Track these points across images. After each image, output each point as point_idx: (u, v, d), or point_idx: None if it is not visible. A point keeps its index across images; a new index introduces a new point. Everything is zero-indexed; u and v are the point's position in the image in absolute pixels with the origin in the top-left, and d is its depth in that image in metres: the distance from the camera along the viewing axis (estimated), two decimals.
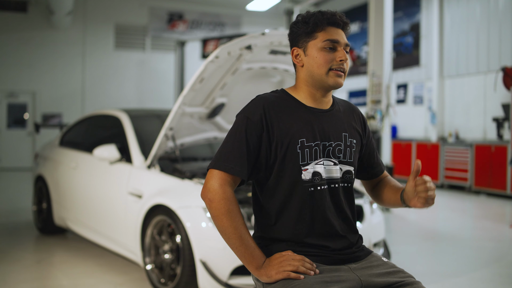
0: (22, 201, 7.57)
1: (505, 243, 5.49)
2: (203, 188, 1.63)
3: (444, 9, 11.07)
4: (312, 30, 1.68)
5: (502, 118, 9.20)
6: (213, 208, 1.59)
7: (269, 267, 1.58)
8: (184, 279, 3.29)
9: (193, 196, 3.40)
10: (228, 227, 1.58)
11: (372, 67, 7.63)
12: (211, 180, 1.61)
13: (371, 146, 1.88)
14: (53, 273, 4.14)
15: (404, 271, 1.68)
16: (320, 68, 1.67)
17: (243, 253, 1.59)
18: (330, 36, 1.66)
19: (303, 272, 1.55)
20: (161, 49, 15.01)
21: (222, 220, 1.58)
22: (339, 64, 1.66)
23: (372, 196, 1.96)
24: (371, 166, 1.89)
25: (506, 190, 8.68)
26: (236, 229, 1.58)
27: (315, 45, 1.67)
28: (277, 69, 4.05)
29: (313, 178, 1.65)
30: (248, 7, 14.11)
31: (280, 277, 1.55)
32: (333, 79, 1.67)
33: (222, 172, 1.60)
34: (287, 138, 1.64)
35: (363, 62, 13.32)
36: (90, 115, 5.33)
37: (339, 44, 1.67)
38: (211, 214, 1.61)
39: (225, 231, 1.59)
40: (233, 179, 1.62)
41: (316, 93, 1.72)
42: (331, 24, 1.67)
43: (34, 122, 11.82)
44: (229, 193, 1.60)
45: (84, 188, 4.57)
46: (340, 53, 1.67)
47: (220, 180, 1.60)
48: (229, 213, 1.58)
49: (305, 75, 1.71)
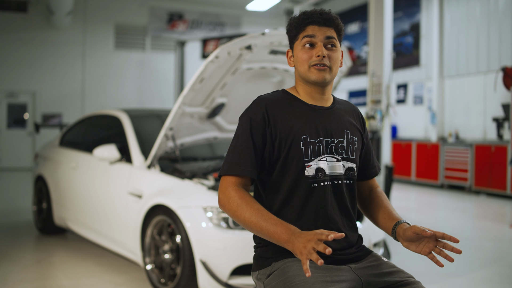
0: (22, 201, 7.57)
1: (505, 243, 5.49)
2: (219, 196, 1.65)
3: (444, 9, 11.07)
4: (295, 32, 1.73)
5: (502, 118, 9.20)
6: (228, 209, 1.62)
7: (296, 244, 1.45)
8: (184, 279, 3.29)
9: (193, 196, 3.40)
10: (250, 216, 1.57)
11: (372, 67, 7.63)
12: (222, 187, 1.65)
13: (368, 147, 1.89)
14: (53, 273, 4.14)
15: (404, 271, 1.68)
16: (302, 65, 1.71)
17: (270, 235, 1.54)
18: (307, 33, 1.69)
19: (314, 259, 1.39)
20: (161, 49, 15.01)
21: (240, 214, 1.59)
22: (317, 60, 1.68)
23: (360, 206, 1.91)
24: (366, 167, 1.89)
25: (506, 190, 8.68)
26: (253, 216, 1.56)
27: (297, 45, 1.73)
28: (277, 69, 4.05)
29: (316, 174, 1.66)
30: (248, 7, 14.11)
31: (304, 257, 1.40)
32: (315, 75, 1.69)
33: (235, 177, 1.64)
34: (290, 135, 1.66)
35: (363, 62, 13.32)
36: (90, 115, 5.33)
37: (316, 38, 1.68)
38: (231, 216, 1.64)
39: (247, 222, 1.58)
40: (246, 181, 1.66)
41: (311, 90, 1.74)
42: (311, 23, 1.70)
43: (34, 122, 11.82)
44: (237, 190, 1.62)
45: (84, 188, 4.57)
46: (317, 49, 1.68)
47: (230, 183, 1.64)
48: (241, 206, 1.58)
49: (297, 74, 1.76)
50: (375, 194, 1.89)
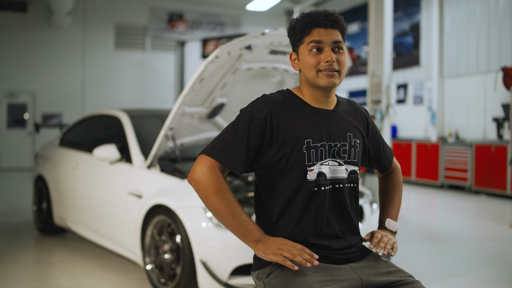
0: (22, 201, 7.57)
1: (505, 243, 5.49)
2: (190, 171, 1.61)
3: (444, 9, 11.07)
4: (300, 36, 1.69)
5: (502, 118, 9.21)
6: (201, 189, 1.58)
7: (267, 244, 1.57)
8: (184, 279, 3.29)
9: (193, 196, 3.39)
10: (219, 205, 1.57)
11: (372, 67, 7.63)
12: (199, 164, 1.60)
13: (377, 141, 1.89)
14: (53, 273, 4.14)
15: (403, 271, 1.68)
16: (309, 71, 1.68)
17: (238, 228, 1.58)
18: (314, 37, 1.66)
19: (299, 262, 1.52)
20: (161, 49, 15.01)
21: (212, 200, 1.57)
22: (326, 66, 1.65)
23: (379, 184, 2.01)
24: (381, 161, 1.92)
25: (506, 190, 8.68)
26: (227, 206, 1.57)
27: (304, 49, 1.69)
28: (277, 69, 4.05)
29: (317, 178, 1.65)
30: (248, 7, 14.11)
31: (275, 259, 1.53)
32: (324, 80, 1.66)
33: (213, 160, 1.60)
34: (293, 138, 1.64)
35: (363, 62, 13.32)
36: (90, 115, 5.33)
37: (324, 43, 1.66)
38: (200, 196, 1.60)
39: (216, 210, 1.58)
40: (223, 169, 1.62)
41: (317, 94, 1.72)
42: (316, 25, 1.66)
43: (34, 122, 11.83)
44: (216, 174, 1.59)
45: (84, 188, 4.57)
46: (326, 54, 1.65)
47: (210, 164, 1.59)
48: (218, 192, 1.57)
49: (303, 78, 1.74)
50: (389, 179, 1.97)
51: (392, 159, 1.95)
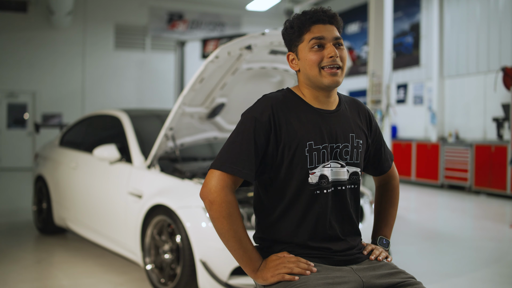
0: (22, 201, 7.57)
1: (505, 243, 5.49)
2: (203, 188, 1.58)
3: (444, 9, 11.07)
4: (299, 34, 1.66)
5: (502, 118, 9.21)
6: (214, 210, 1.55)
7: (265, 270, 1.58)
8: (184, 279, 3.29)
9: (193, 196, 3.40)
10: (228, 230, 1.56)
11: (372, 67, 7.63)
12: (213, 181, 1.56)
13: (378, 142, 1.85)
14: (53, 273, 4.14)
15: (405, 272, 1.68)
16: (312, 69, 1.64)
17: (241, 256, 1.58)
18: (315, 34, 1.63)
19: (298, 273, 1.54)
20: (161, 49, 15.01)
21: (223, 223, 1.56)
22: (329, 61, 1.62)
23: (376, 194, 1.96)
24: (378, 162, 1.87)
25: (506, 190, 8.68)
26: (236, 232, 1.56)
27: (304, 47, 1.65)
28: (277, 69, 4.05)
29: (319, 181, 1.63)
30: (248, 7, 14.11)
31: (275, 280, 1.55)
32: (328, 79, 1.63)
33: (226, 174, 1.56)
34: (295, 141, 1.61)
35: (363, 62, 13.32)
36: (90, 115, 5.33)
37: (326, 40, 1.64)
38: (210, 216, 1.58)
39: (224, 234, 1.57)
40: (236, 182, 1.58)
41: (318, 94, 1.69)
42: (315, 22, 1.64)
43: (34, 122, 11.82)
44: (231, 196, 1.56)
45: (84, 188, 4.57)
46: (328, 49, 1.63)
47: (222, 182, 1.55)
48: (229, 216, 1.55)
49: (304, 78, 1.69)
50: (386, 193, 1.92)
51: (391, 164, 1.91)
